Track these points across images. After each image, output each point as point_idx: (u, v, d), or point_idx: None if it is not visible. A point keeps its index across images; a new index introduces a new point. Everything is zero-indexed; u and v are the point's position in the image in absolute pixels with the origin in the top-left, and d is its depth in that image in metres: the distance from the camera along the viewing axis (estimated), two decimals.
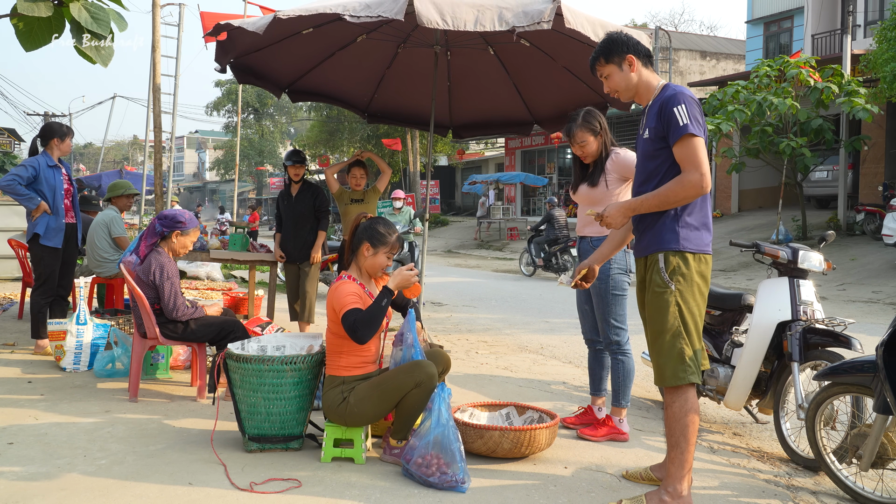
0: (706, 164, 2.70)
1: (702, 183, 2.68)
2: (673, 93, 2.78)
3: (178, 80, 13.97)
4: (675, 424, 2.76)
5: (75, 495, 2.80)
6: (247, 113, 46.90)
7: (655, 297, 2.82)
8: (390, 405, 3.20)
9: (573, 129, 3.70)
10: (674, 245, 2.78)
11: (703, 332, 4.16)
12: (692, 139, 2.70)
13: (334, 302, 3.19)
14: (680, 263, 2.77)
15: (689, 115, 2.71)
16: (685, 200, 2.74)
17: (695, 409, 2.77)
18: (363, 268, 3.35)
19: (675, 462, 2.77)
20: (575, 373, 5.43)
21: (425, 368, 3.14)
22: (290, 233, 6.01)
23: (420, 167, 27.97)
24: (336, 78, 6.34)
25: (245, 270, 11.17)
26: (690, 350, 2.77)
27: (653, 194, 2.77)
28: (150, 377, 4.75)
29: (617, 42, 2.93)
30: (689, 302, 2.77)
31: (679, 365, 2.76)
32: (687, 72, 26.76)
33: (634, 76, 2.91)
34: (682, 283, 2.77)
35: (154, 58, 6.96)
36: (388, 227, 3.37)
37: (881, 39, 12.46)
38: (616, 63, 2.93)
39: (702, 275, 2.81)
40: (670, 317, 2.77)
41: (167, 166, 20.73)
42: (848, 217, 15.07)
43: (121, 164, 55.15)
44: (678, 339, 2.77)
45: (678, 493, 2.75)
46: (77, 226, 5.52)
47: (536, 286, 12.01)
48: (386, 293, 3.19)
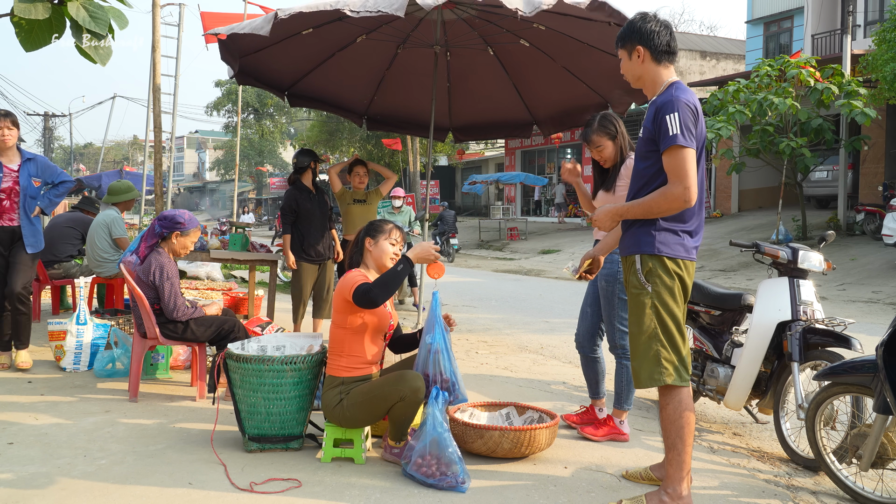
0: (691, 177, 2.68)
1: (685, 196, 2.67)
2: (669, 98, 2.74)
3: (178, 80, 13.96)
4: (671, 426, 2.76)
5: (75, 495, 2.80)
6: (247, 113, 46.89)
7: (632, 298, 2.84)
8: (379, 413, 3.20)
9: (590, 134, 3.68)
10: (648, 249, 2.78)
11: (702, 331, 4.20)
12: (679, 151, 2.67)
13: (344, 288, 3.21)
14: (656, 266, 2.77)
15: (680, 124, 2.67)
16: (668, 212, 2.73)
17: (689, 410, 2.76)
18: (370, 261, 3.41)
19: (673, 463, 2.77)
20: (575, 373, 5.43)
21: (410, 382, 3.12)
22: (318, 232, 5.88)
23: (420, 167, 27.96)
24: (336, 79, 6.33)
25: (245, 270, 11.17)
26: (667, 352, 2.75)
27: (638, 202, 2.78)
28: (150, 377, 4.75)
29: (631, 30, 2.87)
30: (668, 304, 2.76)
31: (655, 367, 2.75)
32: (687, 72, 26.75)
33: (640, 68, 2.87)
34: (659, 286, 2.76)
35: (154, 58, 6.96)
36: (385, 221, 3.48)
37: (881, 41, 12.45)
38: (627, 50, 2.90)
39: (680, 279, 2.79)
40: (647, 318, 2.77)
41: (167, 166, 20.73)
42: (848, 217, 15.07)
43: (121, 164, 55.14)
44: (654, 341, 2.76)
45: (678, 493, 2.75)
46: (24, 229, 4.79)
47: (536, 286, 12.02)
48: (405, 260, 3.19)
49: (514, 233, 23.42)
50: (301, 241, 5.84)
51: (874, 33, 13.21)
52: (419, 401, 3.13)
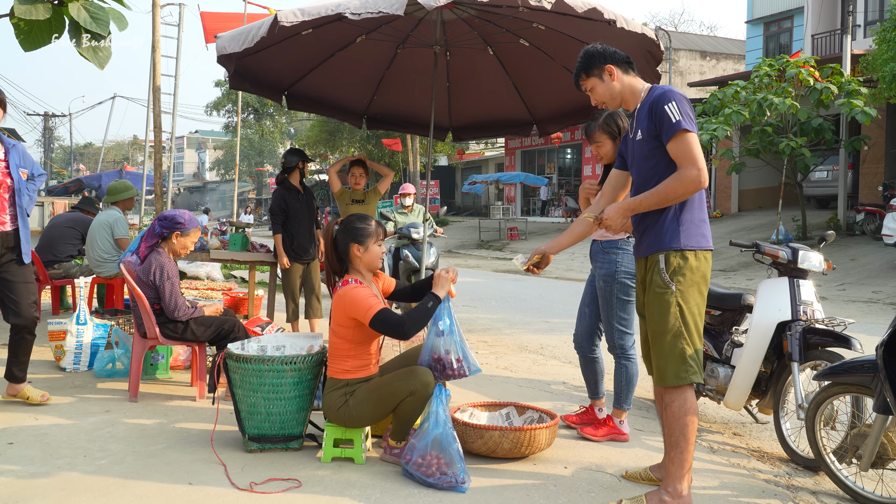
0: (702, 159, 2.72)
1: (700, 178, 2.69)
2: (662, 92, 2.80)
3: (178, 80, 13.95)
4: (675, 424, 2.77)
5: (75, 495, 2.80)
6: (247, 113, 46.88)
7: (656, 297, 2.82)
8: (387, 410, 3.19)
9: (592, 129, 3.70)
10: (675, 244, 2.78)
11: (703, 332, 4.20)
12: (686, 135, 2.71)
13: (352, 307, 3.14)
14: (681, 263, 2.78)
15: (680, 111, 2.72)
16: (684, 196, 2.74)
17: (693, 409, 2.77)
18: (361, 268, 3.34)
19: (674, 462, 2.77)
20: (575, 373, 5.42)
21: (420, 377, 3.12)
22: (307, 231, 5.91)
23: (420, 167, 27.96)
24: (335, 80, 6.33)
25: (245, 270, 11.16)
26: (691, 349, 2.78)
27: (651, 192, 2.77)
28: (150, 377, 4.75)
29: (594, 55, 2.96)
30: (690, 302, 2.78)
31: (681, 365, 2.77)
32: (687, 72, 26.76)
33: (617, 85, 2.94)
34: (683, 283, 2.78)
35: (154, 58, 6.96)
36: (363, 219, 3.36)
37: (881, 41, 12.45)
38: (596, 75, 2.96)
39: (702, 273, 2.82)
40: (671, 317, 2.78)
41: (167, 166, 20.72)
42: (848, 217, 15.07)
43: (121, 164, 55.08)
44: (679, 339, 2.77)
45: (678, 492, 2.75)
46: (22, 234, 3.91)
47: (536, 286, 12.02)
48: (433, 297, 3.18)
49: (514, 233, 23.43)
50: (290, 241, 5.86)
51: (874, 32, 13.22)
52: (429, 395, 3.12)
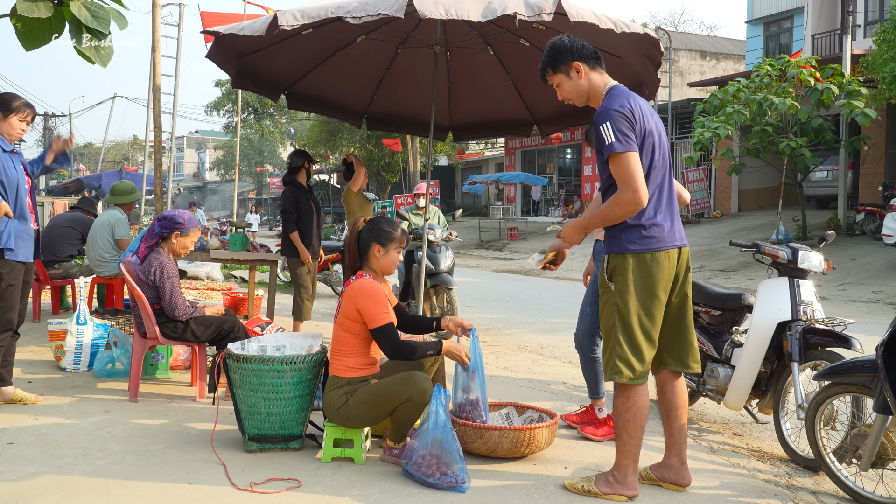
0: (638, 179, 2.72)
1: (635, 199, 2.72)
2: (601, 110, 2.80)
3: (178, 80, 13.97)
4: (618, 419, 2.91)
5: (75, 495, 2.80)
6: (247, 113, 46.85)
7: (601, 296, 2.94)
8: (384, 413, 3.20)
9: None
10: (614, 248, 2.87)
11: (702, 331, 4.20)
12: (618, 157, 2.73)
13: (367, 305, 3.17)
14: (620, 264, 2.84)
15: (614, 131, 2.72)
16: (623, 217, 2.80)
17: (636, 406, 2.86)
18: (376, 268, 3.37)
19: (619, 451, 2.92)
20: (575, 373, 5.42)
21: (418, 384, 3.13)
22: (314, 230, 5.98)
23: (420, 167, 27.95)
24: (335, 79, 6.33)
25: (245, 270, 11.16)
26: (623, 350, 2.83)
27: (595, 214, 2.89)
28: (150, 377, 4.75)
29: (561, 50, 2.93)
30: (629, 302, 2.82)
31: (612, 364, 2.86)
32: (687, 72, 26.76)
33: (584, 82, 2.94)
34: (621, 284, 2.83)
35: (154, 58, 6.96)
36: (392, 224, 3.42)
37: (881, 41, 12.45)
38: (563, 72, 2.96)
39: (647, 274, 2.82)
40: (608, 317, 2.88)
41: (167, 166, 20.73)
42: (848, 217, 15.07)
43: (121, 164, 55.08)
44: (611, 339, 2.87)
45: (622, 477, 2.90)
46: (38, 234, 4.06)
47: (536, 286, 12.02)
48: (436, 346, 3.27)
49: (514, 233, 23.43)
50: (301, 239, 5.89)
51: (874, 33, 13.21)
52: (426, 402, 3.13)
